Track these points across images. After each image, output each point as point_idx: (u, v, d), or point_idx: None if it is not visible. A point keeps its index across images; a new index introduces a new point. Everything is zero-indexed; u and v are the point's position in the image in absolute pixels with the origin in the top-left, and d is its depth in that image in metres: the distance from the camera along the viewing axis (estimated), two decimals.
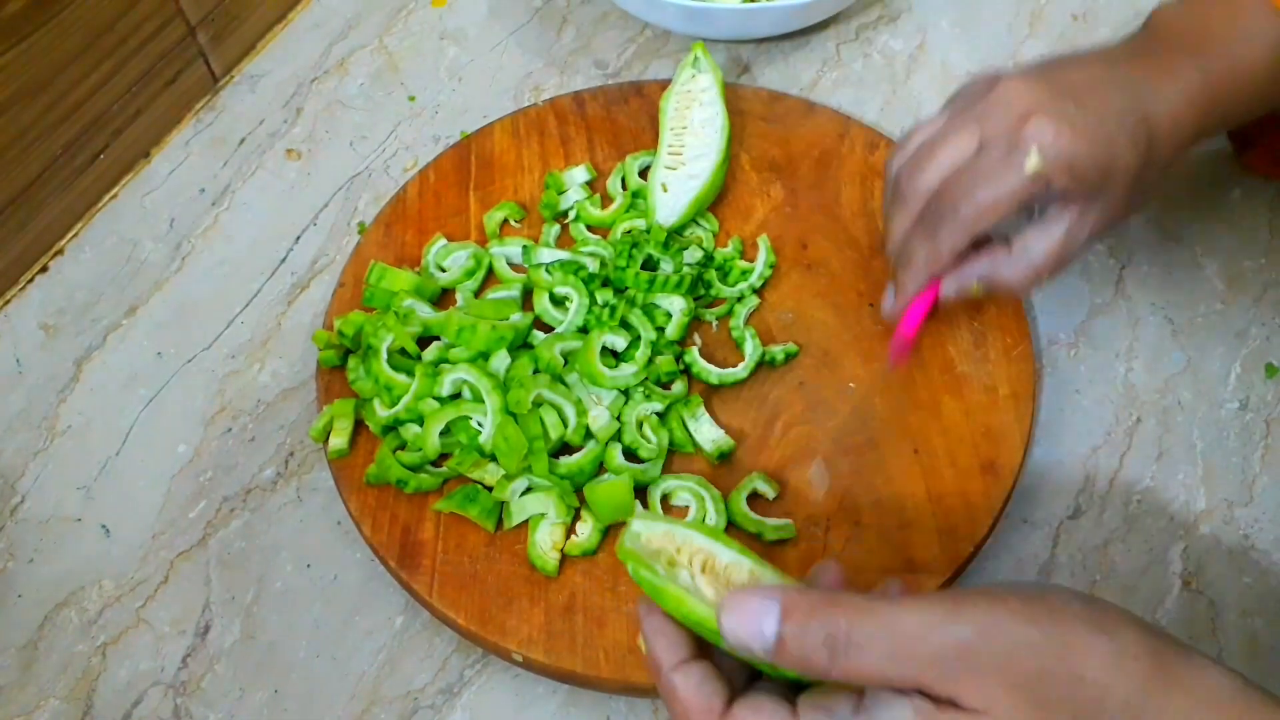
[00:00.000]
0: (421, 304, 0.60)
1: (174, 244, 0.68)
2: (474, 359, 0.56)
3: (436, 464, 0.56)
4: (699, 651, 0.37)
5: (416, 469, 0.55)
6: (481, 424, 0.55)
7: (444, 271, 0.63)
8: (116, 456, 0.60)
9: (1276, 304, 0.63)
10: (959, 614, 0.34)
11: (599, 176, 0.67)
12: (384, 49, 0.78)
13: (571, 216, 0.65)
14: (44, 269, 0.68)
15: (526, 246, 0.63)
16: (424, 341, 0.59)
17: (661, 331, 0.59)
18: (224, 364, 0.63)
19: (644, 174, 0.66)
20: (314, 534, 0.57)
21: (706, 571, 0.38)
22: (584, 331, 0.58)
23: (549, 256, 0.62)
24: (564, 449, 0.55)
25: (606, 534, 0.54)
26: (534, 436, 0.54)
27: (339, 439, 0.56)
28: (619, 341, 0.57)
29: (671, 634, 0.37)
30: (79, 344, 0.64)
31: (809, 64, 0.76)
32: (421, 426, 0.55)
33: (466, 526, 0.54)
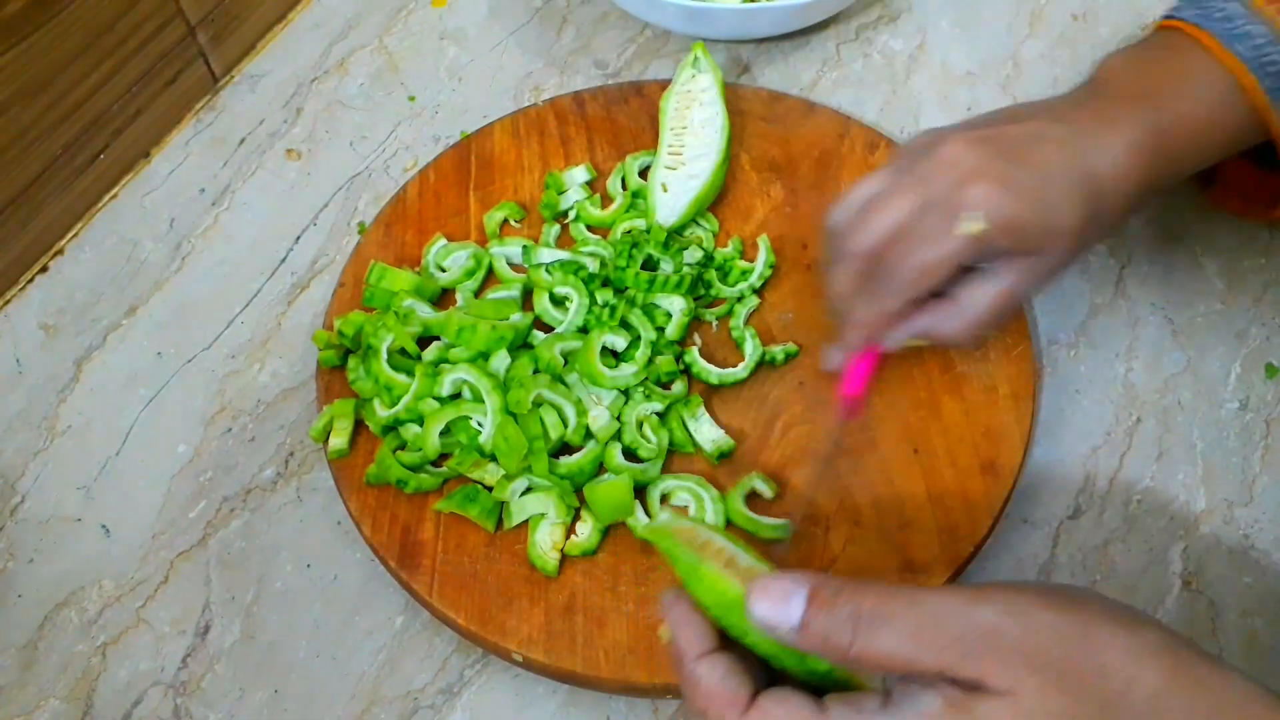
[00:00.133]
0: (421, 304, 0.60)
1: (174, 244, 0.68)
2: (474, 359, 0.56)
3: (436, 464, 0.56)
4: (723, 645, 0.37)
5: (416, 469, 0.55)
6: (481, 424, 0.55)
7: (444, 271, 0.63)
8: (116, 456, 0.60)
9: (1276, 304, 0.63)
10: (983, 598, 0.34)
11: (599, 176, 0.67)
12: (384, 49, 0.78)
13: (571, 217, 0.65)
14: (44, 269, 0.68)
15: (526, 246, 0.63)
16: (424, 342, 0.59)
17: (662, 332, 0.59)
18: (224, 364, 0.63)
19: (644, 174, 0.66)
20: (314, 534, 0.57)
21: (729, 568, 0.38)
22: (584, 331, 0.58)
23: (549, 256, 0.62)
24: (564, 449, 0.56)
25: (606, 534, 0.54)
26: (534, 436, 0.54)
27: (339, 439, 0.56)
28: (619, 341, 0.57)
29: (697, 624, 0.37)
30: (79, 344, 0.65)
31: (809, 64, 0.76)
32: (421, 426, 0.55)
33: (466, 526, 0.54)
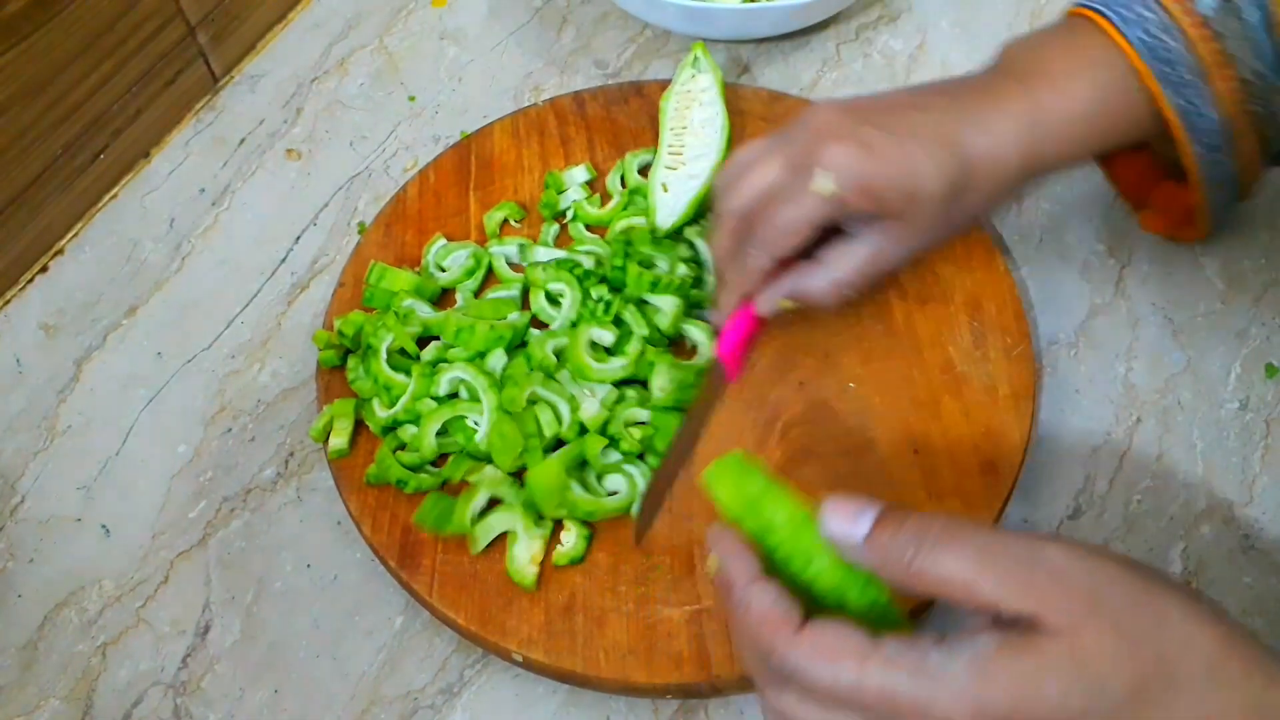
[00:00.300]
0: (421, 304, 0.60)
1: (174, 244, 0.68)
2: (472, 358, 0.56)
3: (437, 464, 0.56)
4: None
5: (416, 469, 0.55)
6: (478, 424, 0.55)
7: (443, 271, 0.63)
8: (116, 456, 0.60)
9: (1276, 304, 0.63)
10: (1050, 541, 0.35)
11: (598, 176, 0.67)
12: (384, 49, 0.78)
13: (570, 216, 0.65)
14: (44, 269, 0.68)
15: (523, 245, 0.63)
16: (425, 342, 0.59)
17: (659, 331, 0.58)
18: (224, 364, 0.63)
19: (644, 172, 0.66)
20: (314, 534, 0.57)
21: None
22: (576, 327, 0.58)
23: (545, 255, 0.62)
24: (558, 447, 0.55)
25: (592, 540, 0.53)
26: (529, 434, 0.54)
27: (339, 439, 0.56)
28: (606, 336, 0.57)
29: (746, 554, 0.38)
30: (79, 344, 0.65)
31: (809, 64, 0.76)
32: (419, 427, 0.55)
33: None
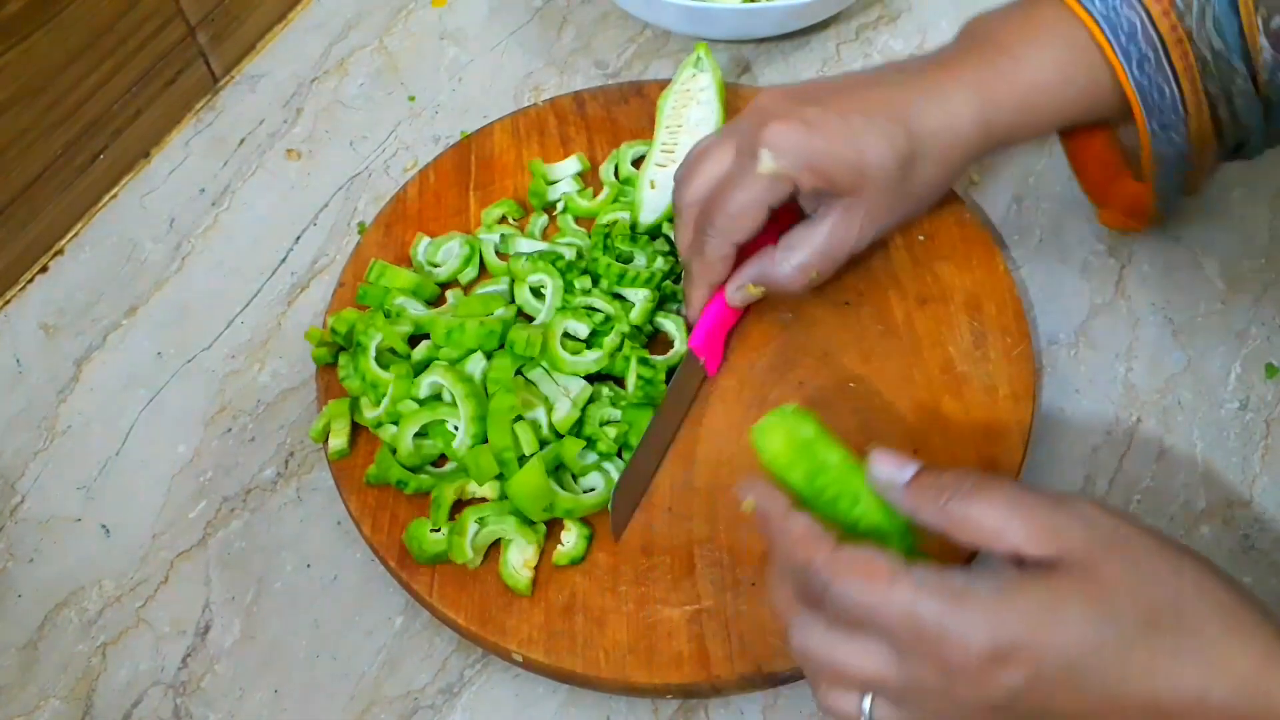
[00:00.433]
0: (413, 302, 0.60)
1: (174, 244, 0.68)
2: (456, 361, 0.56)
3: (437, 464, 0.56)
4: None
5: (416, 469, 0.55)
6: (458, 427, 0.54)
7: (438, 266, 0.63)
8: (116, 456, 0.60)
9: (1277, 304, 0.63)
10: (1074, 498, 0.38)
11: (591, 168, 0.67)
12: (384, 49, 0.78)
13: (560, 208, 0.65)
14: (44, 269, 0.68)
15: (504, 235, 0.63)
16: (420, 340, 0.58)
17: (638, 330, 0.58)
18: (224, 364, 0.63)
19: (638, 163, 0.66)
20: (314, 534, 0.57)
21: None
22: None
23: (527, 246, 0.62)
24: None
25: (592, 540, 0.53)
26: (503, 448, 0.52)
27: (338, 439, 0.56)
28: (581, 328, 0.57)
29: (778, 493, 0.41)
30: (79, 344, 0.65)
31: (809, 64, 0.76)
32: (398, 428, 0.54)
33: None
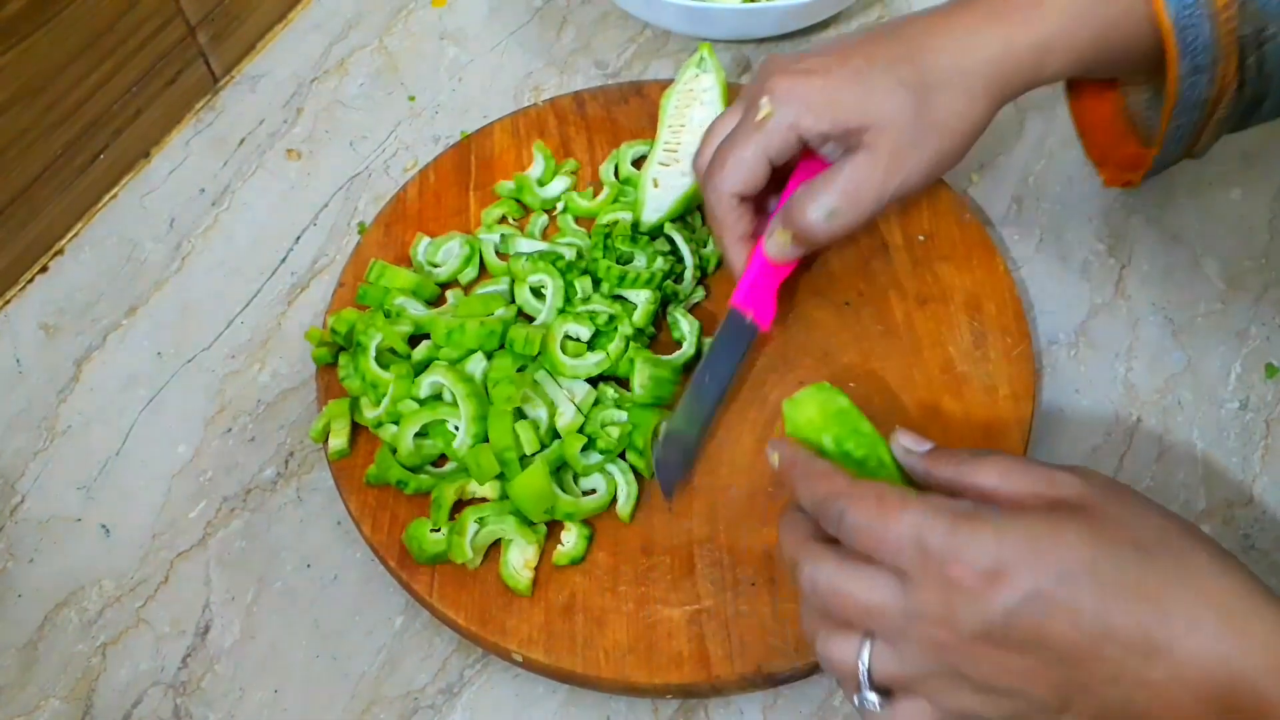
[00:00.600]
0: (413, 302, 0.60)
1: (174, 244, 0.68)
2: (457, 360, 0.56)
3: (437, 464, 0.56)
4: None
5: (416, 469, 0.55)
6: (458, 427, 0.54)
7: (438, 266, 0.63)
8: (116, 456, 0.60)
9: (1277, 304, 0.63)
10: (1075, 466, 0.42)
11: (581, 167, 0.67)
12: (384, 49, 0.78)
13: (560, 208, 0.65)
14: (44, 269, 0.68)
15: (504, 235, 0.63)
16: (419, 340, 0.58)
17: (640, 332, 0.58)
18: (224, 364, 0.63)
19: (638, 164, 0.66)
20: (314, 534, 0.57)
21: None
22: None
23: (527, 246, 0.61)
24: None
25: (592, 540, 0.53)
26: (504, 447, 0.52)
27: (338, 439, 0.56)
28: (583, 331, 0.57)
29: (802, 447, 0.45)
30: (79, 344, 0.65)
31: None
32: (399, 427, 0.54)
33: None
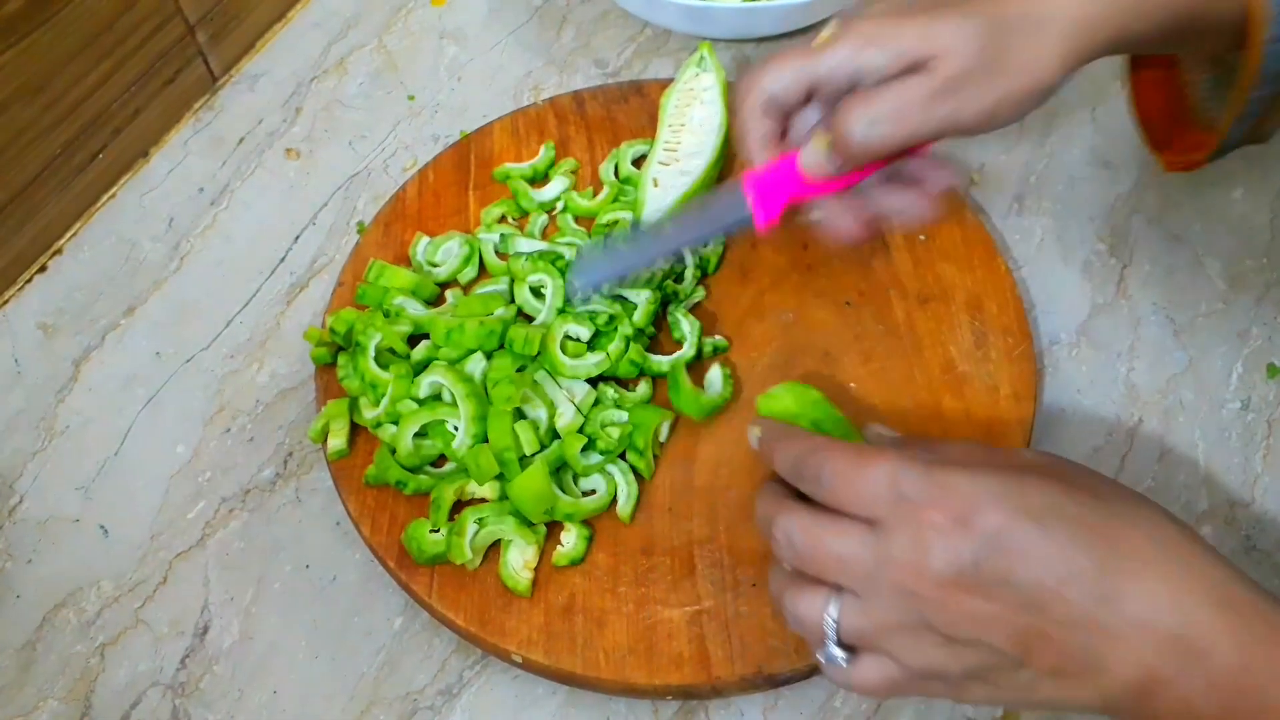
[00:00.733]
0: (412, 302, 0.59)
1: (173, 244, 0.68)
2: (456, 361, 0.56)
3: (437, 464, 0.55)
4: None
5: (416, 469, 0.54)
6: (458, 428, 0.54)
7: (437, 266, 0.62)
8: (115, 457, 0.60)
9: (1278, 304, 0.63)
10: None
11: (580, 167, 0.67)
12: (383, 48, 0.78)
13: (560, 208, 0.65)
14: (42, 269, 0.68)
15: (504, 235, 0.62)
16: (419, 340, 0.58)
17: (640, 332, 0.58)
18: (223, 364, 0.63)
19: (638, 163, 0.66)
20: (313, 535, 0.57)
21: None
22: None
23: (527, 246, 0.61)
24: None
25: (592, 541, 0.53)
26: (504, 448, 0.52)
27: (337, 440, 0.56)
28: (583, 331, 0.56)
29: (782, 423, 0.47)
30: (77, 344, 0.64)
31: None
32: (398, 427, 0.54)
33: None
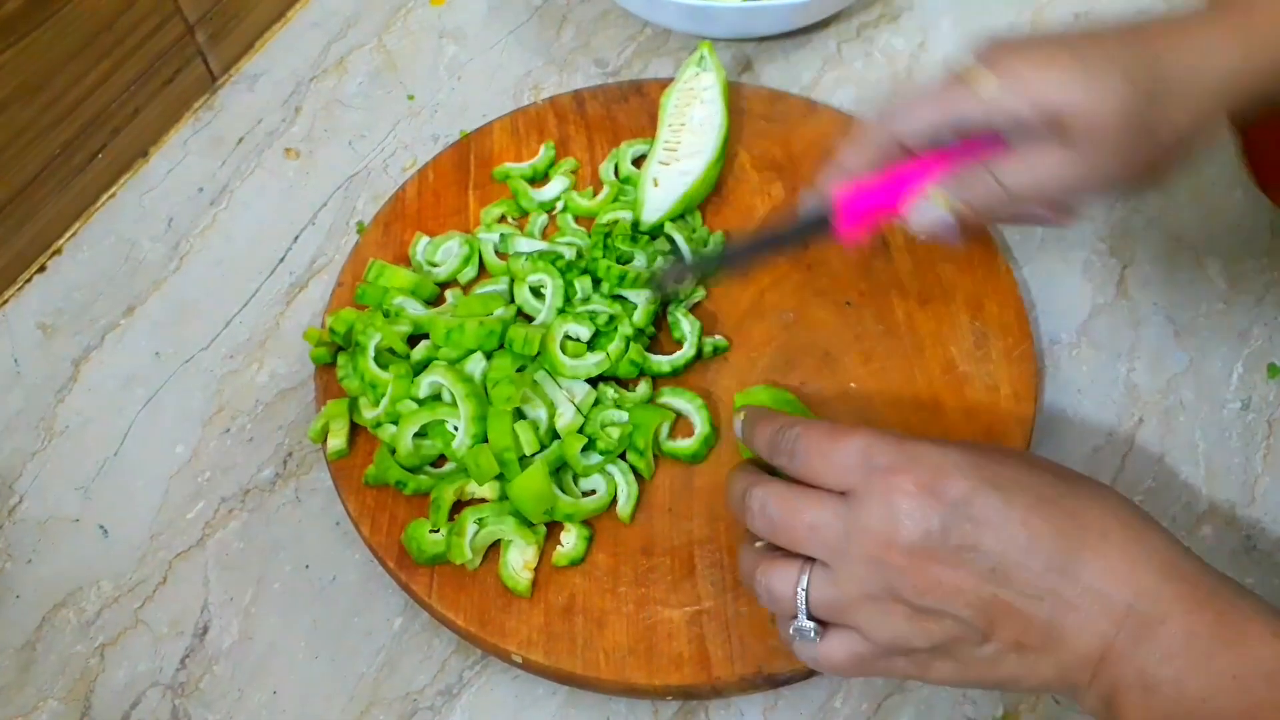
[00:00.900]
0: (412, 302, 0.59)
1: (172, 243, 0.68)
2: (456, 361, 0.56)
3: (437, 464, 0.55)
4: None
5: (415, 469, 0.54)
6: (458, 428, 0.54)
7: (437, 266, 0.62)
8: (114, 457, 0.60)
9: (1278, 304, 0.63)
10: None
11: (580, 167, 0.67)
12: (383, 48, 0.78)
13: (560, 207, 0.65)
14: (42, 269, 0.68)
15: (504, 235, 0.62)
16: (419, 340, 0.58)
17: (640, 332, 0.58)
18: (222, 364, 0.63)
19: (638, 163, 0.66)
20: (313, 535, 0.57)
21: None
22: None
23: (526, 246, 0.61)
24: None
25: (592, 541, 0.53)
26: (504, 448, 0.52)
27: (337, 440, 0.56)
28: (583, 331, 0.56)
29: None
30: (77, 344, 0.64)
31: (810, 63, 0.75)
32: (398, 427, 0.54)
33: None
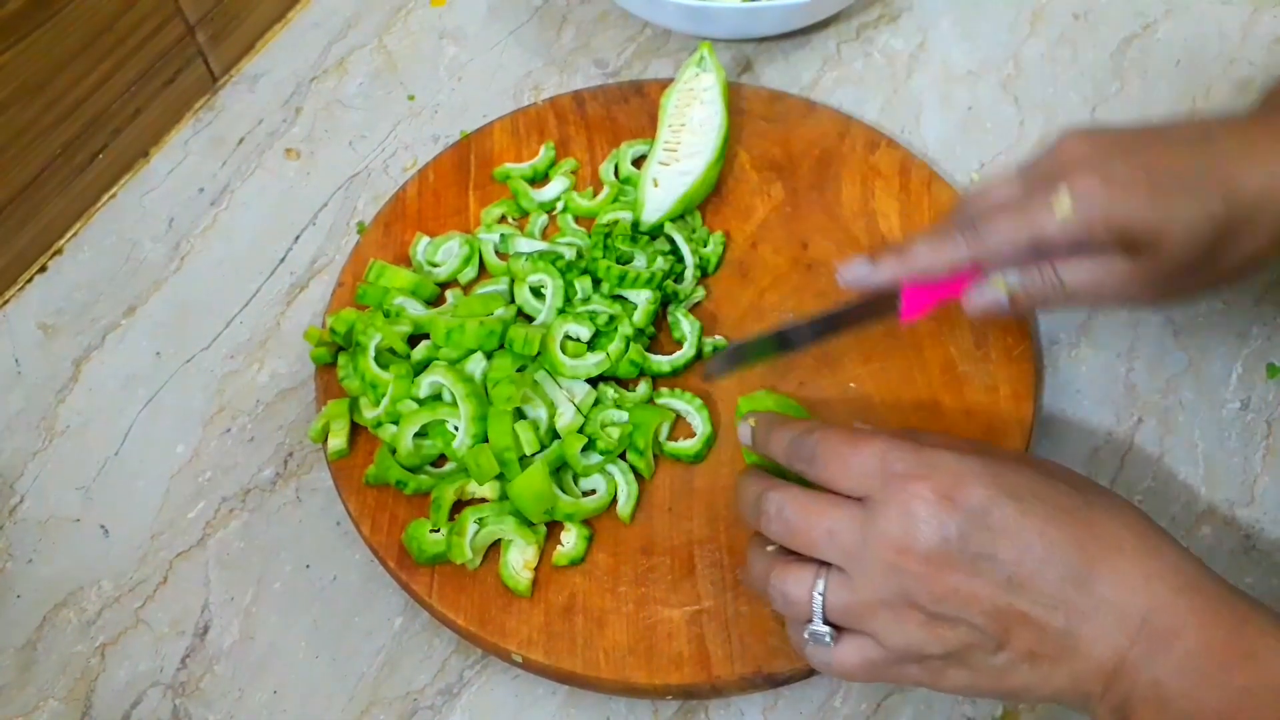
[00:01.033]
0: (412, 302, 0.59)
1: (173, 244, 0.68)
2: (456, 361, 0.56)
3: (437, 464, 0.55)
4: None
5: (416, 469, 0.54)
6: (458, 428, 0.54)
7: (437, 266, 0.62)
8: (115, 457, 0.60)
9: (1278, 304, 0.63)
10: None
11: (580, 167, 0.67)
12: (383, 48, 0.78)
13: (560, 207, 0.65)
14: (43, 269, 0.68)
15: (504, 235, 0.62)
16: (419, 340, 0.58)
17: (641, 332, 0.58)
18: (223, 364, 0.63)
19: (638, 163, 0.66)
20: (313, 534, 0.57)
21: None
22: None
23: (527, 246, 0.61)
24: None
25: (592, 540, 0.53)
26: (504, 448, 0.52)
27: (337, 440, 0.56)
28: (583, 331, 0.56)
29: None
30: (78, 344, 0.64)
31: (810, 63, 0.75)
32: (398, 427, 0.54)
33: None
